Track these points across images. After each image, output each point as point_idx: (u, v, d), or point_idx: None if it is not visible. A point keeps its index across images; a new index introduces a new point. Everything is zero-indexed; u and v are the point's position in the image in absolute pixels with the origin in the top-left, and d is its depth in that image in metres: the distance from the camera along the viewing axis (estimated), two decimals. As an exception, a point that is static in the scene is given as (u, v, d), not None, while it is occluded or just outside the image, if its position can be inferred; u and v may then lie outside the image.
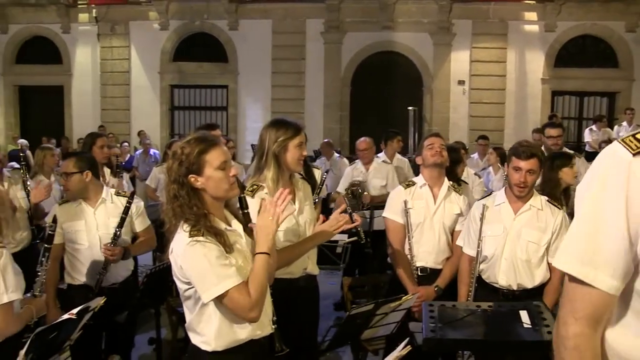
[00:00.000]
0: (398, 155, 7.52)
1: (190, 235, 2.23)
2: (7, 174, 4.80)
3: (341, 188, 6.48)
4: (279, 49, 15.03)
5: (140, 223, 3.96)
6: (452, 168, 4.35)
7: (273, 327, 2.58)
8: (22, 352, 2.36)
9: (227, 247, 2.28)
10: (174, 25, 15.59)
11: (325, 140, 9.13)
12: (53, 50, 16.31)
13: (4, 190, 3.07)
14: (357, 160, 6.82)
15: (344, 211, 3.02)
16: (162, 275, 3.63)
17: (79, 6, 15.99)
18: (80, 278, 3.77)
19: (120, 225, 3.74)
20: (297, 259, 3.05)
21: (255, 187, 3.06)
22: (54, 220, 3.47)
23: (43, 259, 3.19)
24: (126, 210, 3.78)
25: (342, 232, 3.24)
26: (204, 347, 2.32)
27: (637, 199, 1.30)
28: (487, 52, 14.40)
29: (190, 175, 2.29)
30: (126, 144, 12.82)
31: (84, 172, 3.72)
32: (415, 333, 3.19)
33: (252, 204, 2.82)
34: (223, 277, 2.21)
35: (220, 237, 2.27)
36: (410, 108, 13.31)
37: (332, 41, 14.90)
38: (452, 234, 3.89)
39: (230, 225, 2.42)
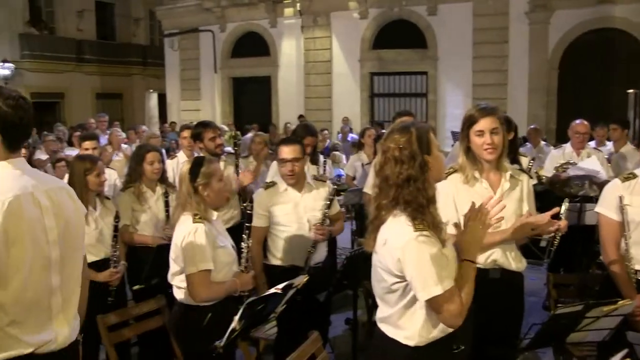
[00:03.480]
0: (629, 145, 6.91)
1: (416, 229, 2.13)
2: (223, 157, 5.24)
3: (547, 171, 6.11)
4: (480, 32, 14.50)
5: (333, 208, 4.17)
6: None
7: None
8: (236, 317, 2.62)
9: (442, 241, 2.20)
10: (373, 13, 15.83)
11: (532, 126, 8.58)
12: (262, 43, 17.70)
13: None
14: (564, 145, 6.39)
15: (556, 213, 2.83)
16: (361, 258, 3.70)
17: (285, 1, 17.01)
18: (286, 258, 4.00)
19: (327, 207, 4.03)
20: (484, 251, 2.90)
21: (451, 170, 3.02)
22: (251, 200, 3.82)
23: (244, 235, 3.46)
24: (333, 192, 4.11)
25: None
26: (405, 341, 2.27)
27: None
28: None
29: (425, 155, 2.18)
30: (326, 131, 13.35)
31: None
32: (636, 345, 2.85)
33: (444, 186, 2.75)
34: (443, 277, 2.13)
35: (439, 231, 2.19)
36: (629, 91, 11.98)
37: (538, 21, 13.97)
38: None
39: None
